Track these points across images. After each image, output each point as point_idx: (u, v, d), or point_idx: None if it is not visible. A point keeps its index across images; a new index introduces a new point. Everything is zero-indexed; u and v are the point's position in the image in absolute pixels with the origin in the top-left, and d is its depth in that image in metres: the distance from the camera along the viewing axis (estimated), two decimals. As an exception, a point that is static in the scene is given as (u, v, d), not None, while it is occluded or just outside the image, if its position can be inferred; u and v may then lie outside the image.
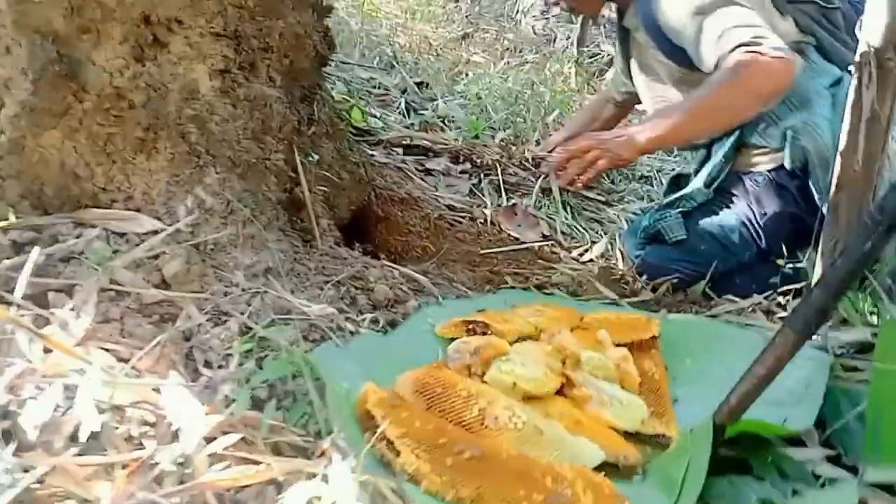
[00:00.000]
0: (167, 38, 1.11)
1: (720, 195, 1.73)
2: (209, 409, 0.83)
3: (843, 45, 1.71)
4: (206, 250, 1.13)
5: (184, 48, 1.13)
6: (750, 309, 1.44)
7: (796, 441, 1.00)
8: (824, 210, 1.36)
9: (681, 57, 1.73)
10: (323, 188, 1.54)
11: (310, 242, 1.42)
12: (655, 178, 2.56)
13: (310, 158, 1.43)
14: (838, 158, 1.32)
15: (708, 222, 1.70)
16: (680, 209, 1.74)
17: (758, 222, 1.67)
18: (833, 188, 1.34)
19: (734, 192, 1.72)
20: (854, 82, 1.28)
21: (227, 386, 0.92)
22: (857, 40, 1.25)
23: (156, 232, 1.10)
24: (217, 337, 0.99)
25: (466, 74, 3.70)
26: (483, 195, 2.12)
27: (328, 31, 1.60)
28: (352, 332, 1.14)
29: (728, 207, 1.71)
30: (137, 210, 1.14)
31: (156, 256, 1.08)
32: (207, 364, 0.96)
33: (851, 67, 1.26)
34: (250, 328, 1.01)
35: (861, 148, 1.27)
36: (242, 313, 1.06)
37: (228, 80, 1.19)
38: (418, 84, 3.16)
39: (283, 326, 1.05)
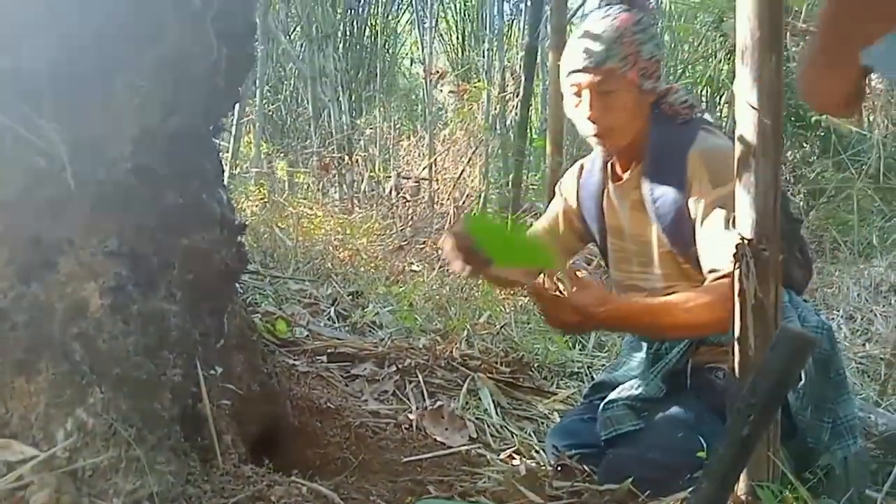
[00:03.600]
0: (56, 259, 1.12)
1: (680, 390, 1.65)
2: None
3: None
4: (83, 477, 1.05)
5: (73, 267, 1.13)
6: (676, 506, 1.38)
7: None
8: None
9: (679, 239, 1.59)
10: (230, 402, 1.49)
11: (210, 461, 1.34)
12: (586, 375, 2.57)
13: (212, 371, 1.39)
14: (736, 345, 1.35)
15: (678, 413, 1.59)
16: (627, 403, 1.68)
17: (725, 413, 1.52)
18: (736, 375, 1.36)
19: (698, 385, 1.63)
20: (735, 273, 1.34)
21: None
22: None
23: (28, 459, 1.03)
24: (77, 577, 0.89)
25: (402, 282, 3.80)
26: (409, 399, 2.08)
27: (241, 246, 1.63)
28: (241, 562, 1.05)
29: (695, 399, 1.61)
30: (14, 436, 1.07)
31: (24, 487, 1.00)
32: None
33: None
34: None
35: (752, 334, 1.30)
36: (114, 547, 0.96)
37: (121, 297, 1.18)
38: (353, 294, 3.22)
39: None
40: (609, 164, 1.76)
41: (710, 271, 1.50)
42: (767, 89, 1.29)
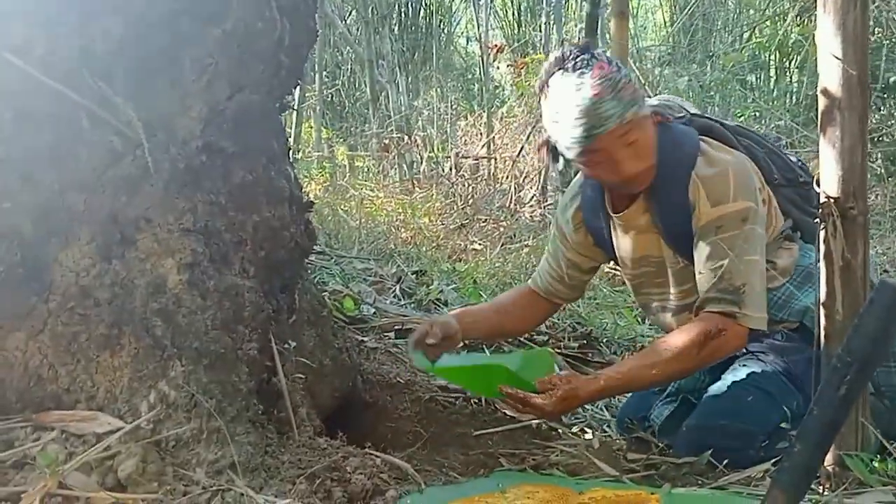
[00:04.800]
0: (135, 237, 1.15)
1: (739, 359, 1.65)
2: None
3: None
4: (167, 447, 1.08)
5: (152, 245, 1.16)
6: (759, 476, 1.34)
7: None
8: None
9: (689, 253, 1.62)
10: (303, 375, 1.51)
11: (286, 433, 1.36)
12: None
13: (286, 346, 1.41)
14: (821, 309, 1.29)
15: (744, 376, 1.58)
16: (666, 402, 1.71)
17: (790, 371, 1.56)
18: (822, 339, 1.30)
19: (755, 351, 1.63)
20: (821, 233, 1.28)
21: None
22: None
23: (115, 431, 1.07)
24: (166, 542, 0.91)
25: (465, 261, 3.79)
26: (478, 374, 2.07)
27: (309, 224, 1.65)
28: (322, 529, 1.06)
29: (756, 361, 1.61)
30: (100, 409, 1.11)
31: (112, 457, 1.03)
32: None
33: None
34: (205, 530, 0.94)
35: (840, 297, 1.24)
36: (200, 513, 0.99)
37: (198, 273, 1.21)
38: (416, 272, 3.23)
39: (243, 526, 0.98)
40: (609, 196, 1.71)
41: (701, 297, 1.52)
42: (852, 38, 1.21)
